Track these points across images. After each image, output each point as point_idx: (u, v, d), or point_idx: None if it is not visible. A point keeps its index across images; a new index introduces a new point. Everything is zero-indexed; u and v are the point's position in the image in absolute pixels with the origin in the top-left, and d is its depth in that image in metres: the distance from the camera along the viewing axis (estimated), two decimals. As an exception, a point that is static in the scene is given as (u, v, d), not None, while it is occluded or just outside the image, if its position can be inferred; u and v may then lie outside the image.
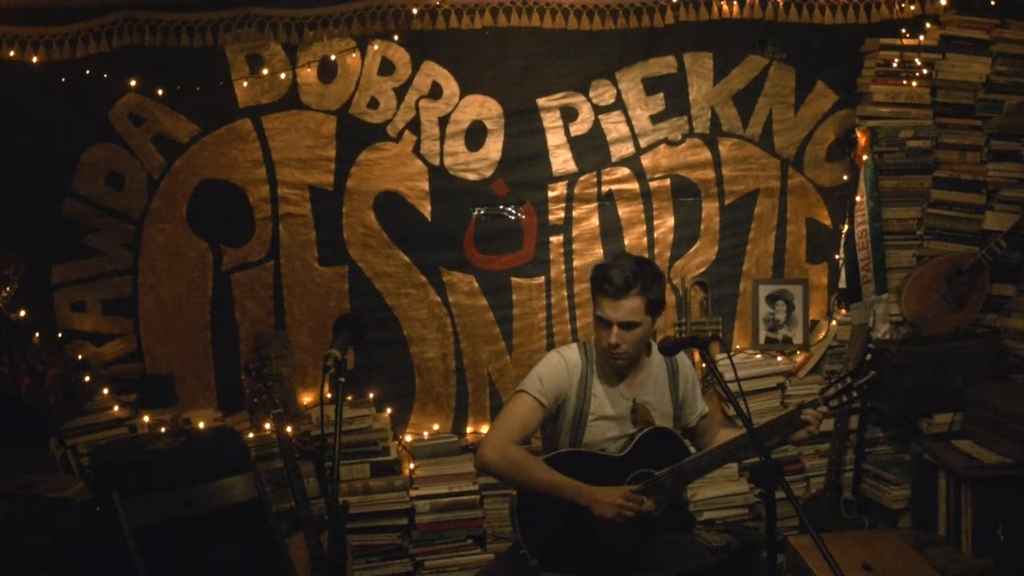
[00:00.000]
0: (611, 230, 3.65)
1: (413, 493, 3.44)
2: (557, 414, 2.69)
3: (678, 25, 3.58)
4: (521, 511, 2.56)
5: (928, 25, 3.66)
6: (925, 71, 3.64)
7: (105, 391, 3.36)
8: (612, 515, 2.46)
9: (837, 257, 3.76)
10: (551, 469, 2.55)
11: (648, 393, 2.73)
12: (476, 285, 3.61)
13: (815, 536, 1.94)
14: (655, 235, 3.68)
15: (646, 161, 3.64)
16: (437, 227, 3.57)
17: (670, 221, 3.69)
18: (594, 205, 3.65)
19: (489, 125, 3.55)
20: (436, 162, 3.55)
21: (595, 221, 3.65)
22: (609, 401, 2.68)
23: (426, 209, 3.56)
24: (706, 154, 3.68)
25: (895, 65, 3.62)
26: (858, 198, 3.64)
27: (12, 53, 3.26)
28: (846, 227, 3.71)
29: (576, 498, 2.49)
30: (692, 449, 2.74)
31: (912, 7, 3.67)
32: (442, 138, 3.54)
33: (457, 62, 3.51)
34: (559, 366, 2.69)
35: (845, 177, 3.73)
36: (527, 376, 2.70)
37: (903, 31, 3.65)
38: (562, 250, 3.64)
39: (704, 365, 3.29)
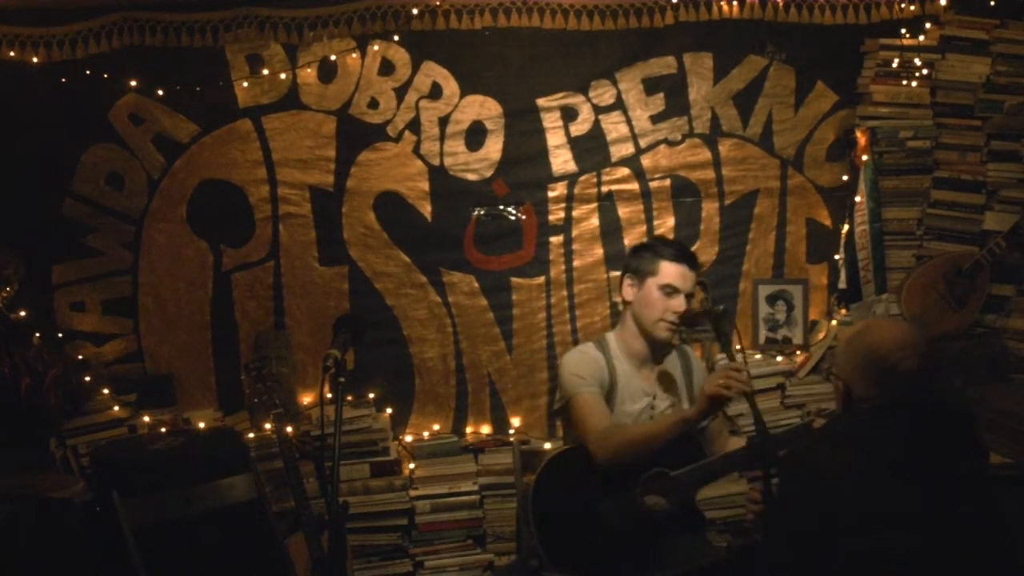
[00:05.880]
0: (611, 230, 3.65)
1: (413, 493, 3.43)
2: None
3: (678, 25, 3.58)
4: (536, 511, 2.55)
5: (928, 25, 3.66)
6: (925, 71, 3.63)
7: (105, 391, 3.35)
8: (721, 383, 2.37)
9: (837, 257, 3.76)
10: (644, 423, 2.62)
11: (665, 390, 2.76)
12: (476, 285, 3.61)
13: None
14: (655, 235, 3.68)
15: (646, 161, 3.64)
16: (437, 227, 3.57)
17: (670, 221, 3.69)
18: (594, 205, 3.64)
19: (489, 125, 3.55)
20: (436, 162, 3.55)
21: (595, 221, 3.65)
22: (629, 396, 2.72)
23: (426, 209, 3.56)
24: (706, 154, 3.68)
25: (895, 65, 3.62)
26: (858, 198, 3.64)
27: (12, 53, 3.26)
28: (846, 227, 3.71)
29: (685, 424, 2.47)
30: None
31: (912, 7, 3.66)
32: (442, 138, 3.54)
33: (457, 62, 3.51)
34: (586, 357, 2.72)
35: (845, 177, 3.73)
36: (563, 385, 2.70)
37: (903, 31, 3.64)
38: (562, 250, 3.64)
39: (720, 356, 3.30)
